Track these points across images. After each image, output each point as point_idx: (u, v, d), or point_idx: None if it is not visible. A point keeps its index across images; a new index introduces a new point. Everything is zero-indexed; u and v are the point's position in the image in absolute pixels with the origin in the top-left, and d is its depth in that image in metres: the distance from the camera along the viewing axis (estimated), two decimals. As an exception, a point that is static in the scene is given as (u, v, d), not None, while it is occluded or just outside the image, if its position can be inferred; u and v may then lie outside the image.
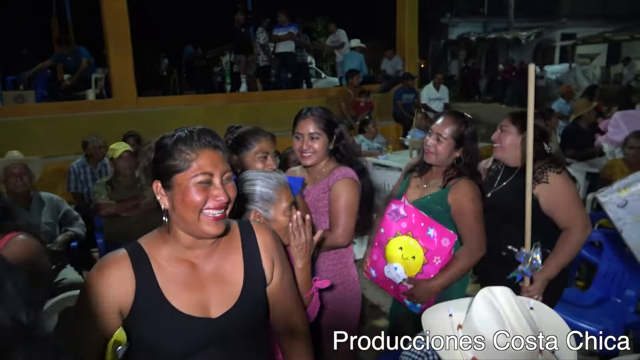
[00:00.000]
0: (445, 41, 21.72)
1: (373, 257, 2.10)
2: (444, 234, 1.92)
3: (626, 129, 4.14)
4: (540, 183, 1.98)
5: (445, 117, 2.03)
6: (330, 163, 2.01)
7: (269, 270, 1.25)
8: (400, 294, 2.04)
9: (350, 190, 1.91)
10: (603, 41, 17.56)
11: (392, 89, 8.58)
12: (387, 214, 2.02)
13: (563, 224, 1.99)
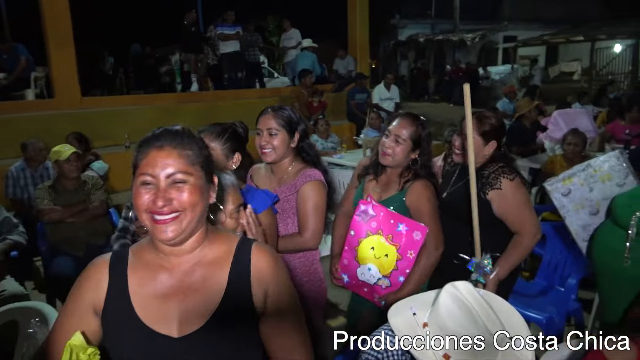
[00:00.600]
0: (395, 42, 22.18)
1: (344, 262, 2.06)
2: (415, 228, 1.91)
3: (564, 127, 4.39)
4: (494, 189, 2.01)
5: (402, 118, 2.03)
6: (297, 163, 2.02)
7: (260, 300, 1.10)
8: (375, 298, 2.02)
9: (318, 193, 1.94)
10: (542, 43, 18.55)
11: (345, 88, 8.68)
12: (356, 216, 2.00)
13: (514, 229, 2.04)
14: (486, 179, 2.04)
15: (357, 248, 2.00)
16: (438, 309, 1.24)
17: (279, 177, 2.03)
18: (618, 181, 2.27)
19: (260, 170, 2.13)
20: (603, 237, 2.13)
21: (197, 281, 1.08)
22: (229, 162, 1.77)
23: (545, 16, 21.55)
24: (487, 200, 2.02)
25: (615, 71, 16.70)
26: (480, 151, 2.04)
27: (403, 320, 1.33)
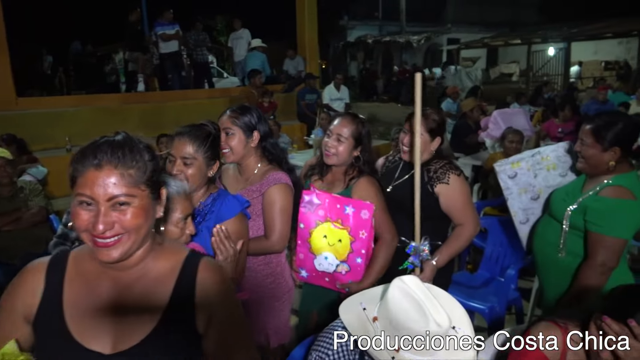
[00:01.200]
0: (344, 43, 22.46)
1: (299, 257, 2.06)
2: (362, 207, 1.93)
3: (503, 126, 4.63)
4: (442, 183, 2.11)
5: (342, 118, 2.08)
6: (263, 165, 2.02)
7: (203, 319, 1.05)
8: (338, 286, 2.03)
9: (284, 196, 1.95)
10: (483, 46, 19.37)
11: (296, 89, 8.69)
12: (302, 208, 1.99)
13: (458, 221, 2.15)
14: (434, 173, 2.14)
15: (309, 240, 2.00)
16: (387, 302, 1.29)
17: (246, 178, 2.03)
18: (561, 171, 2.40)
19: (229, 170, 2.12)
20: (541, 230, 2.22)
21: (138, 296, 1.03)
22: (208, 170, 1.73)
23: (486, 20, 22.58)
24: (435, 194, 2.12)
25: (550, 73, 17.72)
26: (427, 147, 2.14)
27: (354, 316, 1.37)
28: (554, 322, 1.45)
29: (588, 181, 2.05)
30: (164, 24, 8.01)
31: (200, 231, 1.67)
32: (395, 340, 1.26)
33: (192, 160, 1.68)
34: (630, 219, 1.89)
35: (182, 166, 1.68)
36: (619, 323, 1.25)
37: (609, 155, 1.92)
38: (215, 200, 1.73)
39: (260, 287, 2.02)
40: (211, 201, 1.73)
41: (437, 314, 1.22)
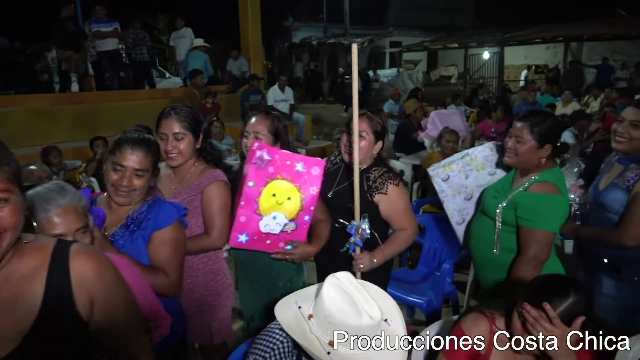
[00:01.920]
0: (289, 44, 22.48)
1: (240, 220, 1.89)
2: (313, 163, 1.89)
3: (440, 126, 4.82)
4: (380, 193, 2.15)
5: (256, 117, 2.09)
6: (199, 164, 2.01)
7: (86, 308, 1.03)
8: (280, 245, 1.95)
9: (223, 193, 1.96)
10: (423, 49, 20.04)
11: (239, 90, 8.60)
12: (252, 163, 1.86)
13: (397, 228, 2.21)
14: (373, 182, 2.17)
15: (258, 199, 1.87)
16: (321, 299, 1.31)
17: (181, 178, 2.00)
18: (490, 170, 2.49)
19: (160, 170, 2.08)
20: (476, 229, 2.30)
21: (6, 301, 0.96)
22: (152, 180, 1.70)
23: (425, 24, 23.40)
24: (374, 202, 2.16)
25: (486, 75, 18.64)
26: (370, 150, 2.18)
27: (290, 315, 1.39)
28: (482, 313, 1.54)
29: (516, 178, 2.15)
30: (98, 21, 7.68)
31: (134, 240, 1.63)
32: (330, 336, 1.29)
33: (144, 173, 1.64)
34: (557, 212, 2.00)
35: (132, 178, 1.62)
36: (537, 309, 1.35)
37: (543, 151, 2.01)
38: (150, 207, 1.68)
39: (201, 285, 2.02)
40: (146, 209, 1.68)
41: (370, 307, 1.26)
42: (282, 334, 1.40)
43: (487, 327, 1.50)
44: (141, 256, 1.63)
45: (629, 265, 2.05)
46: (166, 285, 1.64)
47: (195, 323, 2.01)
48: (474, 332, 1.50)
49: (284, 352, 1.39)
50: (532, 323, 1.34)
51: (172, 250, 1.66)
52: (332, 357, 1.27)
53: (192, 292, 2.01)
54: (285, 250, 1.96)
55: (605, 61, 15.08)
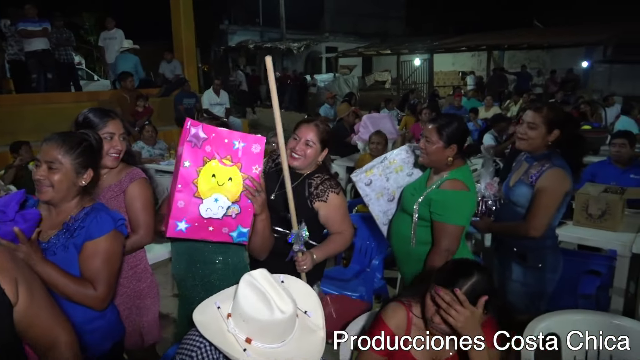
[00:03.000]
0: (225, 48, 22.20)
1: (178, 205, 1.73)
2: (253, 141, 1.78)
3: (372, 129, 5.00)
4: (320, 200, 2.18)
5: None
6: (119, 165, 2.02)
7: (12, 289, 1.13)
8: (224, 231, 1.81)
9: (145, 190, 1.99)
10: (358, 55, 20.54)
11: (173, 93, 8.42)
12: (187, 142, 1.72)
13: (335, 231, 2.26)
14: (314, 189, 2.19)
15: (196, 181, 1.74)
16: (237, 298, 1.34)
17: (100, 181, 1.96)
18: (408, 171, 2.63)
19: None
20: (396, 225, 2.44)
21: None
22: (79, 179, 1.61)
23: (360, 30, 24.02)
24: (314, 209, 2.20)
25: (417, 81, 19.43)
26: (315, 158, 2.19)
27: (209, 316, 1.40)
28: (400, 302, 1.65)
29: (431, 176, 2.31)
30: (27, 21, 7.21)
31: (67, 248, 1.58)
32: (247, 333, 1.32)
33: (58, 166, 1.57)
34: (465, 207, 2.17)
35: (46, 171, 1.57)
36: (447, 292, 1.48)
37: (449, 151, 2.16)
38: (87, 215, 1.61)
39: (127, 287, 2.02)
40: (83, 216, 1.61)
41: (282, 302, 1.30)
42: None
43: (405, 315, 1.62)
44: (72, 266, 1.57)
45: (533, 253, 2.27)
46: (92, 298, 1.58)
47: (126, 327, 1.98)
48: (393, 321, 1.60)
49: (209, 351, 1.41)
50: (445, 307, 1.46)
51: (103, 263, 1.59)
52: (248, 353, 1.30)
53: (120, 295, 1.99)
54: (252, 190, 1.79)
55: (524, 69, 16.27)
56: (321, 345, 1.40)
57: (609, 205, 2.96)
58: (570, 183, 2.23)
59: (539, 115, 2.25)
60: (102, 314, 1.67)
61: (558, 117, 2.27)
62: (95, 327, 1.67)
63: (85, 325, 1.61)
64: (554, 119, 2.24)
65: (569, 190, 2.25)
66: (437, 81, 19.29)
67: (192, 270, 2.04)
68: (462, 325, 1.45)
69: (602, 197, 3.00)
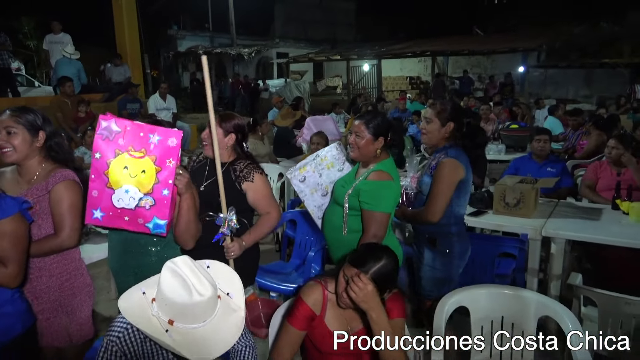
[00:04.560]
0: (175, 53, 21.88)
1: (93, 195, 1.79)
2: (169, 135, 1.81)
3: (315, 130, 5.17)
4: (248, 181, 2.35)
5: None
6: (47, 164, 2.00)
7: None
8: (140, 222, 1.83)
9: (72, 192, 1.95)
10: (309, 60, 20.81)
11: (117, 98, 8.27)
12: (98, 134, 1.78)
13: (263, 211, 2.43)
14: (240, 172, 2.36)
15: (107, 172, 1.78)
16: (160, 283, 1.44)
17: (28, 179, 1.97)
18: (339, 167, 2.77)
19: (5, 174, 2.03)
20: (328, 216, 2.58)
21: None
22: None
23: (310, 37, 24.35)
24: (242, 190, 2.35)
25: (367, 86, 19.91)
26: (222, 143, 2.34)
27: (134, 301, 1.49)
28: (317, 281, 1.81)
29: (360, 169, 2.47)
30: None
31: None
32: (169, 315, 1.42)
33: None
34: (390, 196, 2.34)
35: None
36: (353, 269, 1.64)
37: (377, 143, 2.33)
38: None
39: (55, 286, 2.01)
40: None
41: (201, 286, 1.41)
42: None
43: (321, 292, 1.77)
44: None
45: (442, 239, 2.46)
46: (5, 276, 1.64)
47: (51, 325, 2.00)
48: (310, 298, 1.75)
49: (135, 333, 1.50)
50: (351, 283, 1.62)
51: (11, 243, 1.65)
52: (170, 334, 1.39)
53: (47, 293, 1.99)
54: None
55: (465, 74, 17.05)
56: (241, 323, 1.52)
57: (523, 195, 3.25)
58: (463, 171, 2.40)
59: (433, 110, 2.48)
60: (11, 300, 1.72)
61: (450, 111, 2.47)
62: (5, 312, 1.71)
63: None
64: (446, 113, 2.45)
65: (464, 178, 2.42)
66: (386, 86, 19.82)
67: (125, 261, 2.09)
68: (362, 299, 1.62)
69: (517, 187, 3.29)
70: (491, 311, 2.11)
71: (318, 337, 1.76)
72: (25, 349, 1.79)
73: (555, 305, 2.03)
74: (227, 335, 1.45)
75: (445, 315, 2.04)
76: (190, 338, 1.39)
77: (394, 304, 1.74)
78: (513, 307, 2.09)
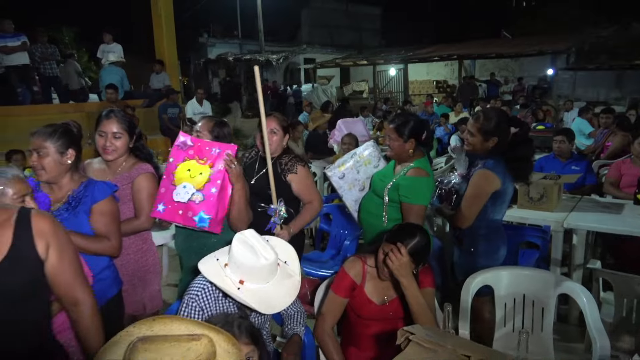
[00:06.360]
0: (205, 60, 22.55)
1: (161, 191, 2.21)
2: (227, 147, 2.22)
3: (345, 131, 5.45)
4: (292, 173, 2.66)
5: (204, 120, 2.52)
6: (130, 159, 2.36)
7: (43, 249, 1.41)
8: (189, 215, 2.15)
9: (151, 183, 2.31)
10: (335, 65, 21.11)
11: (157, 104, 8.75)
12: (176, 145, 2.24)
13: (306, 200, 2.73)
14: (285, 165, 2.68)
15: (175, 172, 2.19)
16: (232, 251, 1.72)
17: (114, 170, 2.34)
18: (375, 164, 3.02)
19: (93, 164, 2.40)
20: (366, 204, 2.83)
21: None
22: (63, 158, 1.99)
23: (336, 42, 24.68)
24: (287, 182, 2.66)
25: (393, 90, 20.09)
26: (281, 142, 2.69)
27: (210, 265, 1.77)
28: (358, 257, 2.08)
29: (397, 166, 2.71)
30: (5, 36, 7.48)
31: (77, 213, 1.97)
32: (240, 276, 1.70)
33: (43, 151, 1.96)
34: (427, 190, 2.57)
35: (36, 157, 1.96)
36: (391, 244, 1.90)
37: (409, 144, 2.57)
38: (87, 186, 2.02)
39: (132, 262, 2.36)
40: (83, 187, 2.02)
41: (265, 251, 1.69)
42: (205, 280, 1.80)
43: (361, 266, 2.04)
44: (83, 227, 1.97)
45: (468, 238, 2.60)
46: (110, 248, 2.01)
47: (128, 295, 2.33)
48: (352, 271, 2.03)
49: (211, 291, 1.80)
50: (390, 254, 1.89)
51: (110, 219, 2.01)
52: (241, 291, 1.68)
53: (125, 267, 2.33)
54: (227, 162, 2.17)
55: (492, 77, 17.04)
56: (297, 286, 1.80)
57: (546, 190, 3.45)
58: (499, 182, 2.41)
59: (475, 124, 2.49)
60: (108, 266, 2.08)
61: (494, 126, 2.44)
62: (105, 276, 2.08)
63: (98, 275, 2.01)
64: (489, 129, 2.44)
65: (500, 189, 2.43)
66: (413, 90, 19.95)
67: (190, 242, 2.42)
68: (396, 268, 1.88)
69: (540, 183, 3.49)
70: (513, 289, 2.34)
71: (358, 304, 2.03)
72: (115, 311, 2.12)
73: (572, 283, 2.24)
74: (285, 295, 1.73)
75: (472, 291, 2.28)
76: (257, 295, 1.67)
77: (425, 276, 2.00)
78: (533, 285, 2.32)
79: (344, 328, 2.20)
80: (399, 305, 2.02)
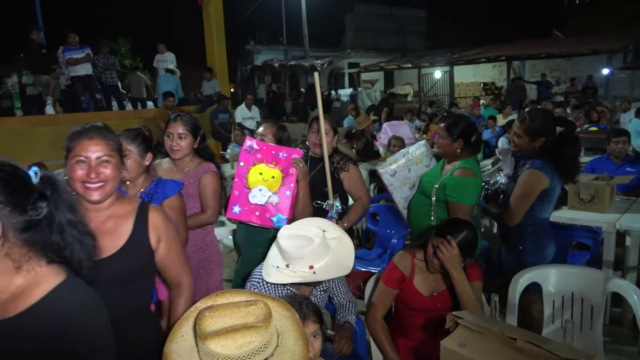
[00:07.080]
0: (251, 67, 23.15)
1: (234, 194, 2.41)
2: (293, 152, 2.40)
3: (391, 134, 5.53)
4: (344, 171, 2.85)
5: (265, 124, 2.71)
6: (196, 159, 2.57)
7: (155, 240, 1.61)
8: (267, 216, 2.36)
9: (215, 181, 2.50)
10: (379, 69, 21.11)
11: (208, 109, 9.15)
12: (244, 149, 2.44)
13: (356, 197, 2.91)
14: (337, 164, 2.86)
15: (247, 176, 2.38)
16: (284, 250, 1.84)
17: (181, 169, 2.55)
18: (426, 163, 3.10)
19: (162, 164, 2.63)
20: (415, 205, 2.91)
21: (111, 228, 1.55)
22: (143, 160, 2.22)
23: (380, 46, 24.68)
24: (340, 179, 2.84)
25: (439, 93, 19.87)
26: (332, 142, 2.88)
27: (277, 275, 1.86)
28: (407, 251, 2.19)
29: (445, 166, 2.78)
30: (70, 49, 8.05)
31: None
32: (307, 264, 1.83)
33: (128, 153, 2.15)
34: (474, 190, 2.63)
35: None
36: (441, 238, 2.00)
37: (457, 144, 2.63)
38: (157, 184, 2.23)
39: (198, 253, 2.55)
40: (154, 185, 2.23)
41: (310, 232, 1.85)
42: None
43: (410, 260, 2.15)
44: None
45: (515, 237, 2.63)
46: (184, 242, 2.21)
47: (195, 284, 2.53)
48: (401, 264, 2.14)
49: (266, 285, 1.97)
50: (440, 246, 1.99)
51: (180, 213, 2.20)
52: (317, 274, 1.82)
53: (192, 258, 2.50)
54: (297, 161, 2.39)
55: (543, 77, 16.52)
56: (350, 243, 1.95)
57: (597, 191, 3.40)
58: (547, 181, 2.47)
59: (522, 126, 2.54)
60: None
61: (541, 126, 2.50)
62: None
63: None
64: (535, 129, 2.50)
65: (548, 187, 2.48)
66: (459, 92, 19.65)
67: (250, 237, 2.61)
68: (447, 259, 1.98)
69: (591, 184, 3.44)
70: (562, 287, 2.37)
71: (407, 295, 2.13)
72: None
73: (622, 281, 2.25)
74: (348, 254, 1.91)
75: (520, 288, 2.32)
76: (330, 267, 1.83)
77: (473, 270, 2.08)
78: (582, 283, 2.33)
79: (393, 319, 2.31)
80: (447, 298, 2.11)
